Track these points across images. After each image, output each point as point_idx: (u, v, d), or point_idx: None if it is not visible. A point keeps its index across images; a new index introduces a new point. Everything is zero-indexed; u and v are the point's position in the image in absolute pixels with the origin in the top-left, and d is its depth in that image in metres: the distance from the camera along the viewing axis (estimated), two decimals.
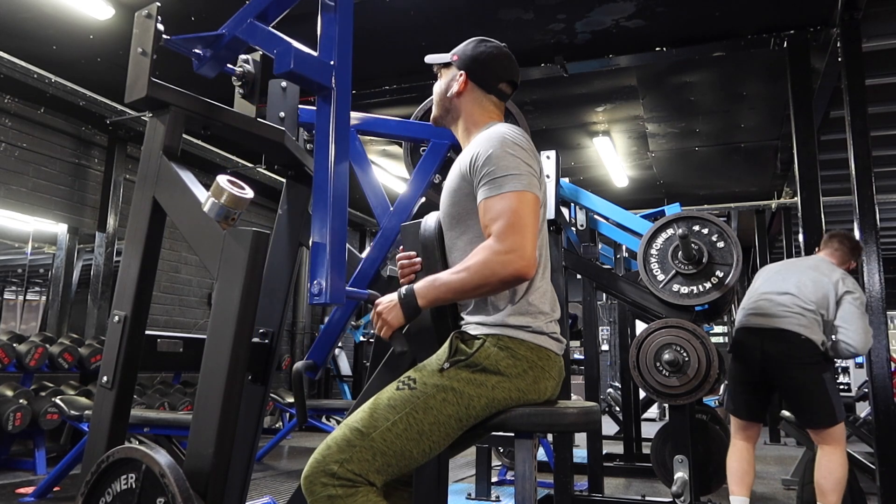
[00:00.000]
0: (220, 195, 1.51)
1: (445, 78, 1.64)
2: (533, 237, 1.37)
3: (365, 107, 5.43)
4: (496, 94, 1.61)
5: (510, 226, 1.34)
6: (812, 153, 4.27)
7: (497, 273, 1.34)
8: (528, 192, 1.39)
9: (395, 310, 1.45)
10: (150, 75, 1.62)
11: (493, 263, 1.34)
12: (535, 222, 1.40)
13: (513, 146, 1.43)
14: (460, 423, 1.40)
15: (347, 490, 1.32)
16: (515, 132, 1.48)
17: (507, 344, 1.42)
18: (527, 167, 1.42)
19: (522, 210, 1.36)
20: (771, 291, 3.04)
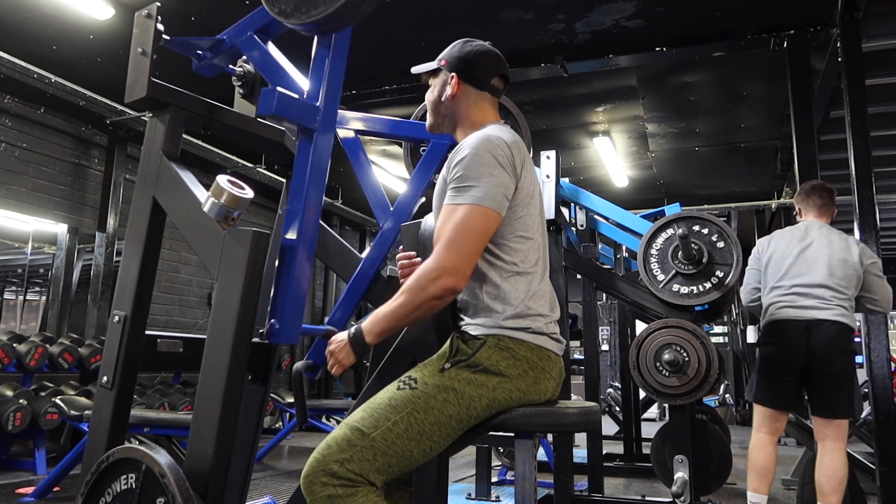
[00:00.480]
0: (220, 195, 1.51)
1: (436, 85, 1.62)
2: (469, 254, 1.37)
3: (365, 107, 5.43)
4: (490, 91, 1.60)
5: (449, 242, 1.36)
6: (812, 153, 4.27)
7: (427, 289, 1.36)
8: (479, 206, 1.37)
9: (345, 349, 1.47)
10: (150, 75, 1.63)
11: (424, 281, 1.36)
12: (479, 238, 1.38)
13: (485, 153, 1.41)
14: (461, 424, 1.40)
15: (348, 490, 1.32)
16: (499, 137, 1.46)
17: (508, 344, 1.42)
18: (491, 179, 1.39)
19: (467, 226, 1.37)
20: (805, 284, 2.94)
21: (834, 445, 2.85)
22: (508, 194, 1.42)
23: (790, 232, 3.10)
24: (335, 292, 9.57)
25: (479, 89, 1.59)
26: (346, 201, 8.72)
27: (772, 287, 3.03)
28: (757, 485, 2.97)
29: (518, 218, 1.46)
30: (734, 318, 10.78)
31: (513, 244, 1.45)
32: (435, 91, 1.62)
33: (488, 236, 1.41)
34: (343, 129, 2.14)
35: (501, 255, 1.45)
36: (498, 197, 1.39)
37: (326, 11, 1.42)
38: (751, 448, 3.04)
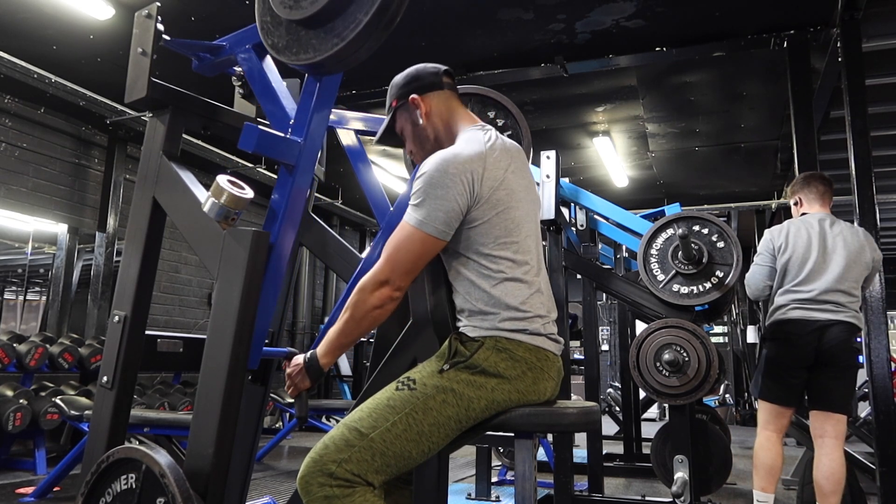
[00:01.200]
0: (220, 195, 1.51)
1: (406, 123, 1.61)
2: (406, 271, 1.41)
3: (365, 107, 5.44)
4: (448, 87, 1.61)
5: (386, 258, 1.41)
6: (812, 153, 4.27)
7: (367, 301, 1.41)
8: (419, 232, 1.40)
9: (301, 373, 1.52)
10: (150, 75, 1.63)
11: (363, 294, 1.42)
12: (416, 259, 1.42)
13: (437, 174, 1.40)
14: (460, 425, 1.40)
15: (345, 490, 1.32)
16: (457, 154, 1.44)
17: (506, 346, 1.42)
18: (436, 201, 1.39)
19: (405, 246, 1.41)
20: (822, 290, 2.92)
21: (833, 443, 2.84)
22: (453, 216, 1.41)
23: (805, 230, 3.02)
24: (335, 292, 9.57)
25: (439, 89, 1.59)
26: (346, 201, 8.72)
27: (788, 290, 2.99)
28: (764, 483, 2.95)
29: (494, 224, 1.44)
30: (734, 318, 10.79)
31: (496, 252, 1.44)
32: (408, 125, 1.61)
33: (426, 258, 1.44)
34: (343, 129, 2.13)
35: (486, 264, 1.44)
36: (438, 222, 1.39)
37: (315, 59, 1.42)
38: (757, 446, 3.02)
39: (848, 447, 3.01)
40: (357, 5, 1.37)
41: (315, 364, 1.50)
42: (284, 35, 1.48)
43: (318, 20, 1.41)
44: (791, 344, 2.95)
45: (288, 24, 1.47)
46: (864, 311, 3.57)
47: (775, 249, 3.05)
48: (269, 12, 1.51)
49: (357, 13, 1.37)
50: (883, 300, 3.59)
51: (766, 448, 2.98)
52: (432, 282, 1.54)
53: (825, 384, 2.91)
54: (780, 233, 3.07)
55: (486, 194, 1.43)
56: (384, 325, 1.86)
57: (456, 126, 1.58)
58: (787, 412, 3.00)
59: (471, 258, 1.45)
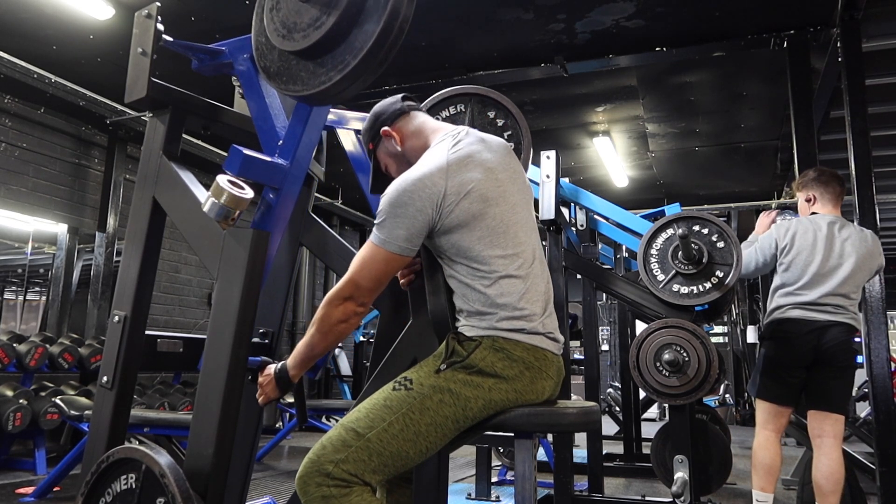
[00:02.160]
0: (220, 195, 1.51)
1: (385, 156, 1.65)
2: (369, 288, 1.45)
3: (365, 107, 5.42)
4: (409, 109, 1.64)
5: (351, 275, 1.44)
6: (812, 153, 4.27)
7: (332, 315, 1.44)
8: (382, 250, 1.42)
9: (271, 384, 1.55)
10: (150, 75, 1.63)
11: (328, 308, 1.45)
12: (380, 275, 1.45)
13: (399, 194, 1.42)
14: (457, 425, 1.40)
15: (342, 490, 1.32)
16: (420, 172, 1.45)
17: (503, 345, 1.42)
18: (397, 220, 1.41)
19: (370, 264, 1.44)
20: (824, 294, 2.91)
21: (832, 443, 2.84)
22: (415, 233, 1.42)
23: (813, 232, 2.98)
24: None
25: (404, 114, 1.62)
26: (346, 201, 8.72)
27: (788, 292, 2.98)
28: (763, 483, 2.94)
29: (474, 227, 1.44)
30: (734, 318, 10.79)
31: (485, 252, 1.44)
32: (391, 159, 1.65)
33: (390, 274, 1.47)
34: (343, 129, 2.14)
35: (478, 266, 1.44)
36: (399, 240, 1.42)
37: (302, 92, 1.43)
38: (756, 446, 3.01)
39: (848, 447, 3.01)
40: (346, 46, 1.37)
41: (285, 376, 1.53)
42: (277, 61, 1.49)
43: (309, 54, 1.42)
44: (790, 343, 2.94)
45: (281, 52, 1.48)
46: (863, 311, 3.58)
47: (778, 249, 3.04)
48: (264, 34, 1.51)
49: (346, 55, 1.37)
50: (883, 300, 3.59)
51: (764, 448, 2.97)
52: (432, 283, 1.54)
53: (823, 384, 2.91)
54: (786, 232, 3.04)
55: (453, 204, 1.43)
56: (384, 325, 1.87)
57: (428, 141, 1.60)
58: (785, 411, 3.00)
59: (462, 262, 1.46)
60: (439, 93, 2.04)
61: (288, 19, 1.44)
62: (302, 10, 1.41)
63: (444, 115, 2.02)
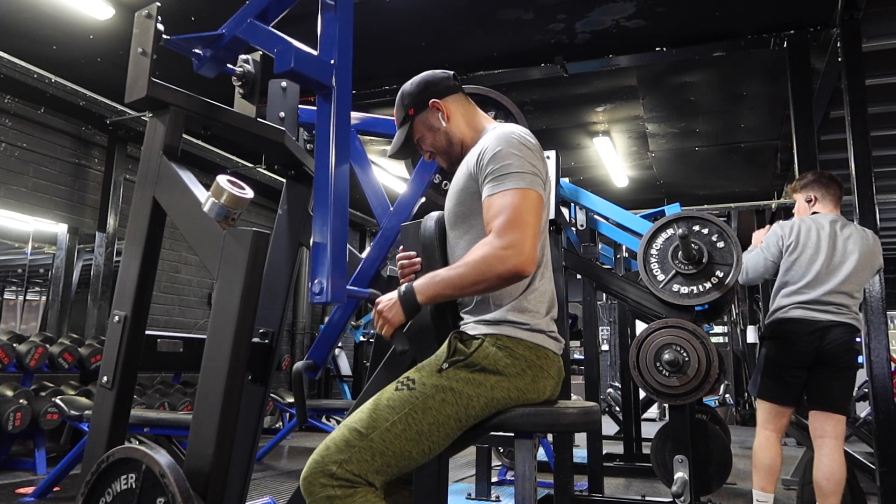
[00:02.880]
0: (220, 195, 1.51)
1: (427, 129, 1.61)
2: (534, 234, 1.36)
3: (365, 107, 5.43)
4: (460, 91, 1.63)
5: (510, 222, 1.34)
6: (812, 153, 4.27)
7: (495, 268, 1.33)
8: (531, 190, 1.38)
9: (395, 307, 1.45)
10: (150, 75, 1.62)
11: (492, 259, 1.34)
12: (537, 220, 1.38)
13: (519, 146, 1.43)
14: (459, 424, 1.40)
15: (346, 490, 1.32)
16: (524, 132, 1.48)
17: (506, 343, 1.42)
18: (531, 167, 1.42)
19: (524, 207, 1.36)
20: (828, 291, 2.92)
21: (833, 444, 2.84)
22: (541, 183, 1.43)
23: (816, 231, 2.99)
24: None
25: (455, 93, 1.61)
26: None
27: (792, 291, 2.98)
28: (764, 483, 2.94)
29: None
30: (734, 318, 10.78)
31: None
32: (430, 133, 1.61)
33: (541, 219, 1.41)
34: None
35: None
36: (537, 184, 1.41)
37: None
38: (756, 446, 3.02)
39: (848, 447, 3.01)
40: None
41: (412, 298, 1.42)
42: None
43: None
44: (792, 343, 2.94)
45: None
46: (864, 311, 3.58)
47: (784, 247, 3.03)
48: None
49: None
50: (883, 300, 3.59)
51: (765, 448, 2.97)
52: None
53: (825, 384, 2.91)
54: (790, 231, 3.04)
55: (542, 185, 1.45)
56: None
57: (479, 124, 1.61)
58: (786, 412, 3.00)
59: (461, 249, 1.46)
60: None
61: None
62: None
63: None
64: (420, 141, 1.64)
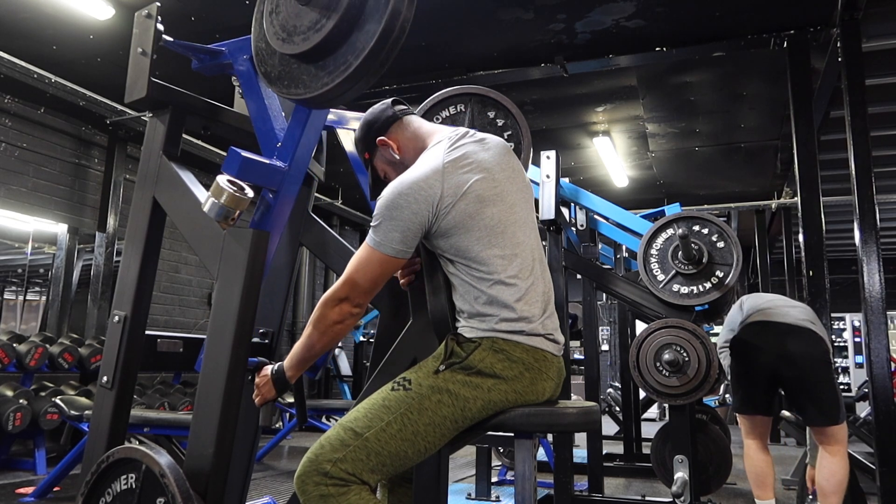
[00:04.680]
0: (220, 195, 1.51)
1: (383, 164, 1.64)
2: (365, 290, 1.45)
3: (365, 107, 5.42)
4: (402, 115, 1.63)
5: (347, 277, 1.45)
6: (812, 153, 4.26)
7: (328, 316, 1.45)
8: (377, 252, 1.43)
9: (268, 384, 1.55)
10: (150, 75, 1.63)
11: (324, 309, 1.45)
12: (375, 277, 1.45)
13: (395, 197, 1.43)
14: (456, 425, 1.40)
15: (339, 489, 1.33)
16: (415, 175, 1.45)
17: (502, 346, 1.42)
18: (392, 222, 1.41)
19: (365, 267, 1.44)
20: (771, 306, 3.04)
21: (834, 449, 2.86)
22: (410, 235, 1.43)
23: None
24: None
25: (397, 121, 1.61)
26: (346, 201, 8.72)
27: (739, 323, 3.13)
28: (759, 491, 2.98)
29: (472, 228, 1.44)
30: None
31: (484, 252, 1.43)
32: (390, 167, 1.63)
33: (385, 276, 1.47)
34: (343, 129, 2.14)
35: (477, 267, 1.44)
36: (394, 242, 1.42)
37: (304, 95, 1.43)
38: (744, 456, 3.09)
39: (848, 447, 3.01)
40: (349, 47, 1.37)
41: (282, 377, 1.53)
42: (277, 65, 1.49)
43: (310, 57, 1.41)
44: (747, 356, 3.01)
45: (281, 56, 1.47)
46: (863, 311, 3.58)
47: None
48: (264, 39, 1.51)
49: (348, 55, 1.37)
50: (883, 300, 3.59)
51: (749, 456, 3.06)
52: (432, 283, 1.54)
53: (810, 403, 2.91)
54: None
55: (450, 205, 1.43)
56: (384, 325, 1.87)
57: (424, 145, 1.60)
58: (760, 420, 3.05)
59: (461, 263, 1.46)
60: (439, 93, 2.04)
61: (287, 23, 1.43)
62: (301, 13, 1.41)
63: (444, 115, 2.02)
64: (387, 177, 1.64)
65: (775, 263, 9.50)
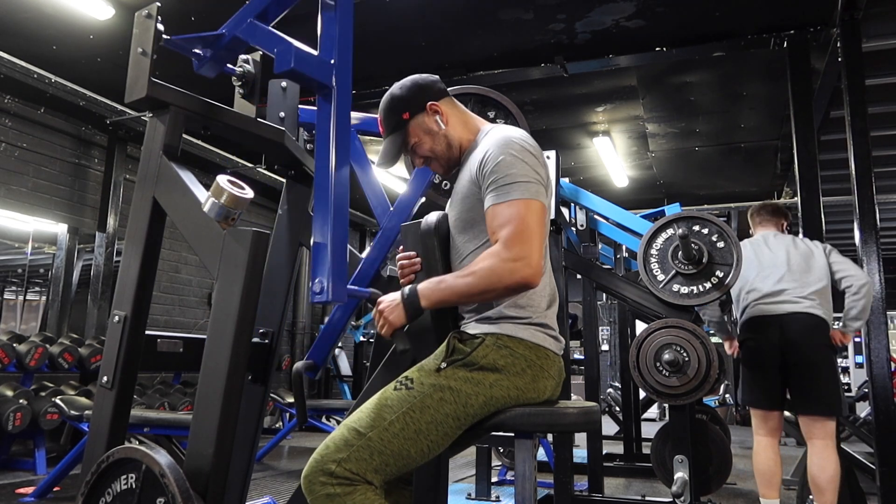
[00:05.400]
0: (220, 195, 1.51)
1: (423, 133, 1.58)
2: (539, 245, 1.37)
3: (365, 107, 5.42)
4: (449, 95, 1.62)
5: (517, 233, 1.34)
6: (812, 153, 4.26)
7: (503, 280, 1.34)
8: (536, 201, 1.39)
9: (397, 309, 1.45)
10: (150, 75, 1.62)
11: (501, 270, 1.34)
12: (542, 230, 1.39)
13: (522, 152, 1.43)
14: (458, 422, 1.40)
15: (346, 489, 1.33)
16: (523, 136, 1.48)
17: (506, 343, 1.42)
18: (535, 174, 1.42)
19: (530, 218, 1.36)
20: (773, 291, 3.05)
21: (822, 444, 2.86)
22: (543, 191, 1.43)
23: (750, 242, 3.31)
24: None
25: (446, 95, 1.60)
26: None
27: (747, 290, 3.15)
28: (765, 490, 2.96)
29: None
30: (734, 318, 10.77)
31: None
32: (428, 137, 1.58)
33: (546, 228, 1.43)
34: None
35: None
36: (541, 193, 1.41)
37: None
38: (753, 453, 3.07)
39: (848, 447, 3.02)
40: None
41: (416, 301, 1.42)
42: None
43: None
44: (754, 347, 3.03)
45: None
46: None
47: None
48: None
49: None
50: (883, 300, 3.59)
51: (758, 453, 3.04)
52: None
53: (804, 387, 2.94)
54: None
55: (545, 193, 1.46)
56: None
57: (474, 126, 1.60)
58: (771, 415, 3.05)
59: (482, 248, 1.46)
60: None
61: None
62: None
63: None
64: (416, 146, 1.60)
65: None
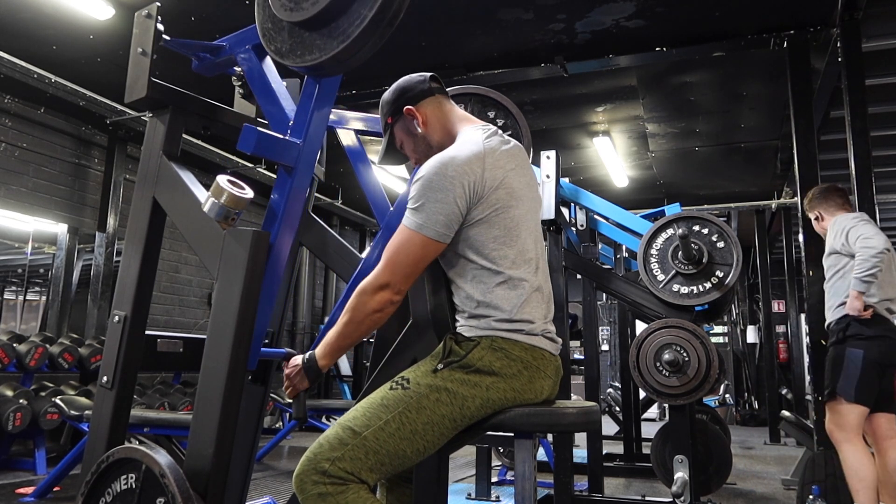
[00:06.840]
0: (220, 195, 1.52)
1: (406, 136, 1.61)
2: (406, 275, 1.41)
3: (365, 107, 5.43)
4: (437, 92, 1.61)
5: (387, 262, 1.41)
6: (812, 153, 4.27)
7: (367, 305, 1.41)
8: (419, 235, 1.40)
9: (299, 374, 1.51)
10: (150, 75, 1.63)
11: (363, 297, 1.41)
12: (416, 262, 1.42)
13: (436, 177, 1.41)
14: (455, 424, 1.40)
15: (338, 487, 1.33)
16: (454, 156, 1.44)
17: (501, 345, 1.42)
18: (436, 204, 1.39)
19: (406, 250, 1.41)
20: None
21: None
22: (453, 219, 1.41)
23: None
24: (335, 292, 9.57)
25: (430, 96, 1.59)
26: (346, 201, 8.72)
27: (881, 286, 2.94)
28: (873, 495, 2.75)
29: (494, 223, 1.44)
30: (734, 318, 10.79)
31: (495, 251, 1.44)
32: (409, 139, 1.61)
33: (426, 261, 1.44)
34: (343, 129, 2.13)
35: (485, 264, 1.44)
36: (438, 225, 1.40)
37: (319, 59, 1.43)
38: (854, 462, 2.79)
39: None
40: (360, 2, 1.38)
41: (314, 365, 1.49)
42: (287, 39, 1.48)
43: (321, 20, 1.41)
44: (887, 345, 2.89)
45: (290, 28, 1.47)
46: None
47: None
48: (271, 18, 1.51)
49: (361, 9, 1.37)
50: None
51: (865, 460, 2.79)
52: (432, 282, 1.54)
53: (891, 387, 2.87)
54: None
55: (486, 194, 1.43)
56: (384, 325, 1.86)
57: (454, 128, 1.59)
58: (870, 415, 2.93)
59: (470, 258, 1.45)
60: None
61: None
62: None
63: None
64: (402, 148, 1.64)
65: (775, 263, 9.50)
